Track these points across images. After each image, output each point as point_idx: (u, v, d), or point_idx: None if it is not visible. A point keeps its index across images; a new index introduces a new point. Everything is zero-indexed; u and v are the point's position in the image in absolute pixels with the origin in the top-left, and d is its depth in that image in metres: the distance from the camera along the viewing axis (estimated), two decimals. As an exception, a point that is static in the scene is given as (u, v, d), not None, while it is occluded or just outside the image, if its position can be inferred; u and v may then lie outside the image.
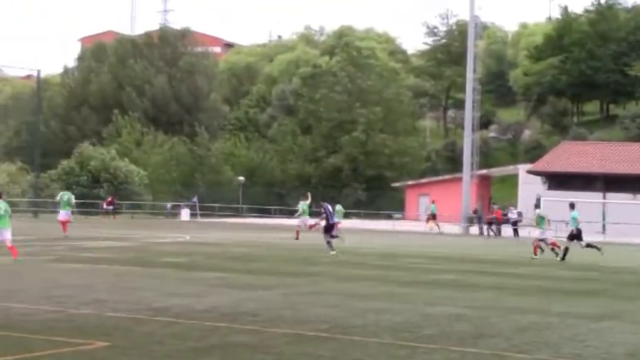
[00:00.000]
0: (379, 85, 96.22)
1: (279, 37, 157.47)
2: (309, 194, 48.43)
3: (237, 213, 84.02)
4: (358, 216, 77.15)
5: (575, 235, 36.21)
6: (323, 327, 15.46)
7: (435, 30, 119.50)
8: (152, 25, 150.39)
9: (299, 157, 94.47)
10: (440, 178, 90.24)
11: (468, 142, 69.78)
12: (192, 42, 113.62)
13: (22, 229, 49.39)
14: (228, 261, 30.17)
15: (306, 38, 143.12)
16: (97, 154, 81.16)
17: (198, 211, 76.78)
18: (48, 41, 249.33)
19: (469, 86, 70.33)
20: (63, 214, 43.60)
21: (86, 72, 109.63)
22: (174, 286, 21.17)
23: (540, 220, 37.27)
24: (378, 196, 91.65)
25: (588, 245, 36.78)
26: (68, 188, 68.29)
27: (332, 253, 34.45)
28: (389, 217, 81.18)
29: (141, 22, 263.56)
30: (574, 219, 36.39)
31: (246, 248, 37.60)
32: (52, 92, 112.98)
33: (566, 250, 35.78)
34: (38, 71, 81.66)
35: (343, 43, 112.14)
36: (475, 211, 68.90)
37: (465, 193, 68.73)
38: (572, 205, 37.05)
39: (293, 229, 48.45)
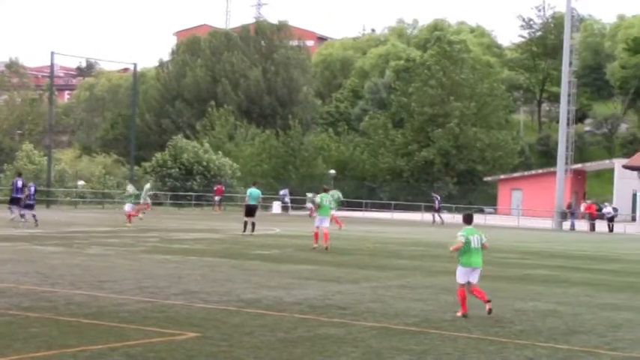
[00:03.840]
0: (473, 78, 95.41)
1: (373, 30, 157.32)
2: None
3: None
4: (450, 210, 76.59)
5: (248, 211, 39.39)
6: (412, 321, 15.41)
7: (531, 22, 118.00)
8: (246, 18, 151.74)
9: (390, 150, 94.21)
10: (533, 172, 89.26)
11: (562, 136, 68.80)
12: (288, 35, 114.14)
13: (115, 220, 50.30)
14: (318, 254, 30.24)
15: (398, 32, 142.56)
16: (189, 147, 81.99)
17: (290, 204, 77.02)
18: (144, 35, 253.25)
19: (565, 79, 69.30)
20: None
21: (181, 65, 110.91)
22: (264, 278, 21.31)
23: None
24: (470, 190, 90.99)
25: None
26: (161, 180, 69.58)
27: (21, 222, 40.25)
28: (480, 211, 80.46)
29: (235, 16, 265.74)
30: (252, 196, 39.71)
31: (335, 241, 37.61)
32: (147, 85, 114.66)
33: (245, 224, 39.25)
34: (134, 65, 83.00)
35: (436, 36, 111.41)
36: (569, 206, 67.91)
37: (558, 187, 67.77)
38: (254, 183, 42.15)
39: (383, 222, 48.31)
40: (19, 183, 43.00)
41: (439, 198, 67.86)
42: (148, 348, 12.05)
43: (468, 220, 16.81)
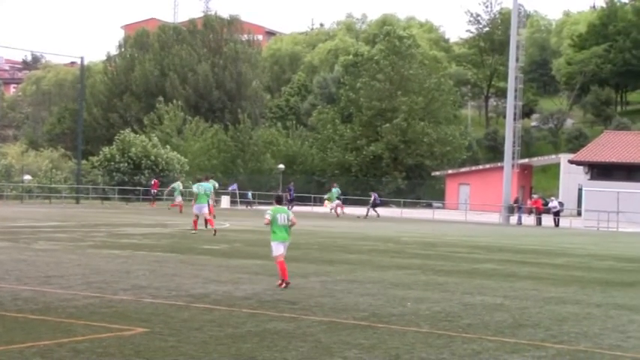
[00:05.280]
0: (421, 73, 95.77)
1: (321, 25, 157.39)
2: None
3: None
4: (398, 205, 77.00)
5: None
6: (361, 315, 15.46)
7: (478, 18, 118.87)
8: (194, 12, 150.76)
9: (339, 145, 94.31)
10: (480, 167, 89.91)
11: (509, 131, 69.33)
12: (238, 29, 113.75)
13: (63, 215, 49.88)
14: (267, 248, 30.17)
15: (347, 26, 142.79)
16: (138, 141, 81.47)
17: (238, 199, 76.86)
18: (91, 29, 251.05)
19: (511, 75, 69.84)
20: None
21: (129, 59, 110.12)
22: (213, 273, 21.27)
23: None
24: (418, 184, 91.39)
25: None
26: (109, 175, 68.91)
27: None
28: (429, 206, 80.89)
29: (183, 10, 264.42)
30: None
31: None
32: (94, 79, 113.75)
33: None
34: (82, 58, 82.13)
35: (385, 31, 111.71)
36: (516, 201, 68.52)
37: (505, 182, 68.33)
38: (206, 178, 40.36)
39: (332, 217, 48.33)
40: None
41: (377, 195, 68.51)
42: (95, 344, 11.97)
43: (277, 200, 20.20)
